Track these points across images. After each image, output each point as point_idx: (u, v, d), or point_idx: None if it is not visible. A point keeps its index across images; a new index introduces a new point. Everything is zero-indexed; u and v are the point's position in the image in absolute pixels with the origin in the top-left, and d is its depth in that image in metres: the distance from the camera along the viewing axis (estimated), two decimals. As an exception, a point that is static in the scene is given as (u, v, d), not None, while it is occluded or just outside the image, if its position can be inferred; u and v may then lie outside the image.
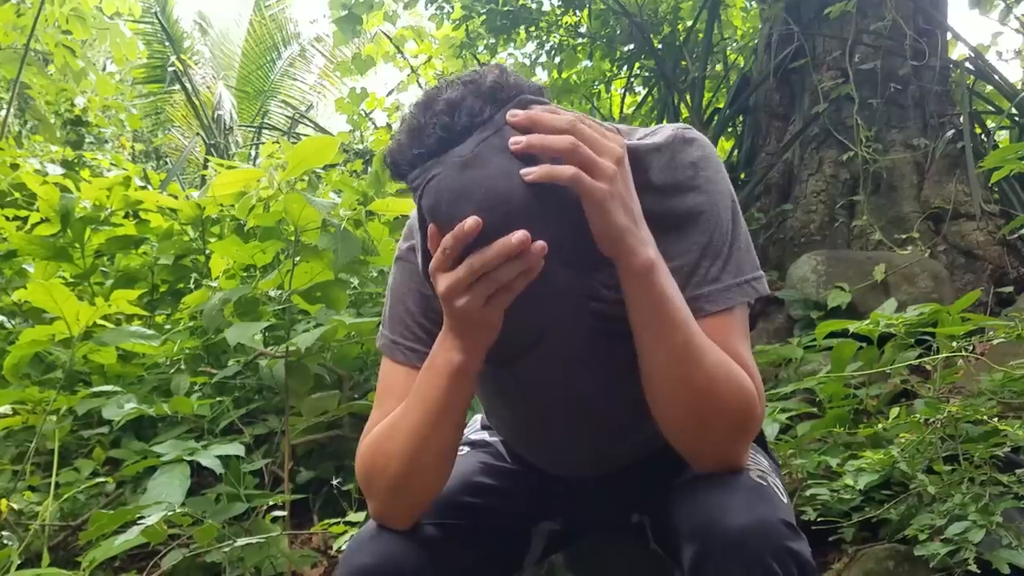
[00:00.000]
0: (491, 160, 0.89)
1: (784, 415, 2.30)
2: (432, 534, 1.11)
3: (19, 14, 6.32)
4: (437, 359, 1.02)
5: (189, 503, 1.92)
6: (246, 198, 2.40)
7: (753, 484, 1.02)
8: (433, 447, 1.04)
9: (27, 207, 3.51)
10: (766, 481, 1.04)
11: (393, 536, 1.08)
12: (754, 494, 1.00)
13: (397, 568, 1.05)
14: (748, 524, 0.95)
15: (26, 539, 1.86)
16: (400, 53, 6.93)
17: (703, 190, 1.07)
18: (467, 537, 1.15)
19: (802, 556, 0.96)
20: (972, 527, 1.70)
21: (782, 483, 1.15)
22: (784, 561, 0.94)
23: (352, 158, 5.25)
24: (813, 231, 4.22)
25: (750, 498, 0.99)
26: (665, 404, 1.02)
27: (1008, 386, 2.18)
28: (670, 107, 5.41)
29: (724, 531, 0.96)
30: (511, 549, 1.26)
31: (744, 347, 1.06)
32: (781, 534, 0.95)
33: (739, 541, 0.94)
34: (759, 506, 0.98)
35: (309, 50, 12.78)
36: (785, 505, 1.03)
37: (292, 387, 2.36)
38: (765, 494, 1.01)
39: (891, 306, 2.59)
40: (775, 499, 1.01)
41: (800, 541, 0.97)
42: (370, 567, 1.05)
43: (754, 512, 0.97)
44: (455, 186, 0.89)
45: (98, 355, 2.42)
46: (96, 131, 8.12)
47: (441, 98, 0.92)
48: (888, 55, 4.27)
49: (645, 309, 0.97)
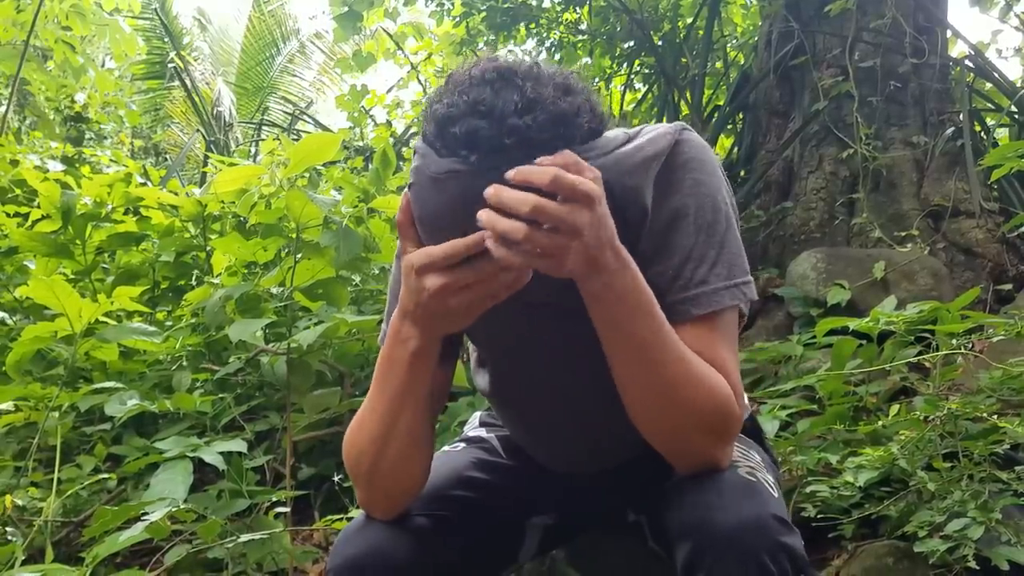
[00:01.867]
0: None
1: (784, 412, 2.31)
2: (421, 524, 1.13)
3: (19, 10, 6.31)
4: (396, 350, 1.03)
5: (191, 499, 1.93)
6: (248, 195, 2.40)
7: (743, 481, 1.03)
8: (400, 433, 1.06)
9: (27, 203, 3.52)
10: (755, 477, 1.05)
11: (381, 527, 1.10)
12: (745, 491, 1.01)
13: (385, 558, 1.07)
14: (740, 521, 0.96)
15: (30, 535, 1.87)
16: (400, 50, 6.92)
17: (690, 192, 1.06)
18: (457, 529, 1.16)
19: (795, 550, 0.97)
20: (971, 524, 1.71)
21: (775, 478, 1.15)
22: (777, 556, 0.95)
23: (352, 155, 5.25)
24: (813, 228, 4.22)
25: (741, 495, 1.00)
26: (635, 410, 1.03)
27: (1007, 383, 2.19)
28: (670, 104, 5.41)
29: (717, 529, 0.97)
30: (503, 543, 1.27)
31: (726, 351, 1.05)
32: (774, 529, 0.96)
33: (732, 538, 0.95)
34: (750, 503, 0.99)
35: (308, 46, 12.76)
36: (776, 500, 1.04)
37: (294, 384, 2.37)
38: (755, 490, 1.02)
39: (891, 303, 2.60)
40: (766, 494, 1.02)
41: (792, 535, 0.98)
42: (359, 557, 1.07)
43: (745, 509, 0.98)
44: (477, 195, 0.89)
45: (100, 351, 2.42)
46: (96, 127, 8.12)
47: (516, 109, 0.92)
48: (888, 53, 4.28)
49: (601, 323, 0.98)
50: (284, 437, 2.40)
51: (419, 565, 1.08)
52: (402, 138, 6.22)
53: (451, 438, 1.53)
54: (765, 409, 2.36)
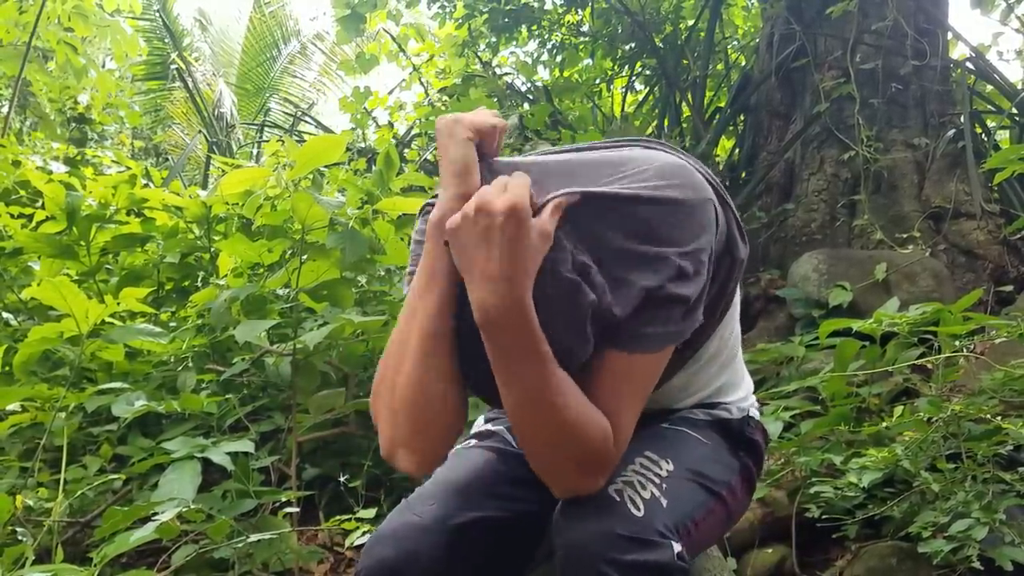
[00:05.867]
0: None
1: (787, 413, 2.32)
2: (452, 525, 1.12)
3: (21, 11, 6.32)
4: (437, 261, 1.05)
5: (198, 499, 1.93)
6: (254, 197, 2.41)
7: (605, 498, 1.05)
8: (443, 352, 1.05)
9: (31, 204, 3.52)
10: (622, 495, 1.05)
11: (413, 527, 1.10)
12: (602, 507, 1.03)
13: (418, 560, 1.07)
14: (585, 538, 1.00)
15: (38, 536, 1.87)
16: (402, 52, 6.92)
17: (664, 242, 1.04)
18: (487, 528, 1.16)
19: (654, 564, 0.98)
20: (975, 524, 1.72)
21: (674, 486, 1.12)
22: (611, 573, 0.97)
23: (355, 156, 5.25)
24: (814, 230, 4.23)
25: (597, 510, 1.03)
26: (520, 438, 1.06)
27: (1009, 385, 2.20)
28: (671, 106, 5.42)
29: (566, 541, 1.02)
30: (526, 540, 1.27)
31: (627, 392, 1.06)
32: (620, 548, 0.98)
33: (578, 553, 1.00)
34: (601, 519, 1.02)
35: (309, 47, 12.76)
36: (637, 518, 1.03)
37: (298, 384, 2.38)
38: (613, 509, 1.03)
39: (893, 305, 2.61)
40: (623, 512, 1.03)
41: (651, 550, 0.99)
42: (391, 559, 1.07)
43: (594, 525, 1.01)
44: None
45: (106, 352, 2.43)
46: (99, 128, 8.12)
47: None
48: (889, 55, 4.29)
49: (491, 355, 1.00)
50: (289, 438, 2.41)
51: (447, 566, 1.09)
52: (404, 139, 6.23)
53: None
54: (768, 410, 2.37)
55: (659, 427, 1.25)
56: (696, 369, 1.25)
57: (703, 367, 1.26)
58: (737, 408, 1.34)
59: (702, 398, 1.32)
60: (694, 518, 1.13)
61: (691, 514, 1.12)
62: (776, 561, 2.08)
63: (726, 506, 1.23)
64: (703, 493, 1.17)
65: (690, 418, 1.29)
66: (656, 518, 1.04)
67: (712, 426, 1.30)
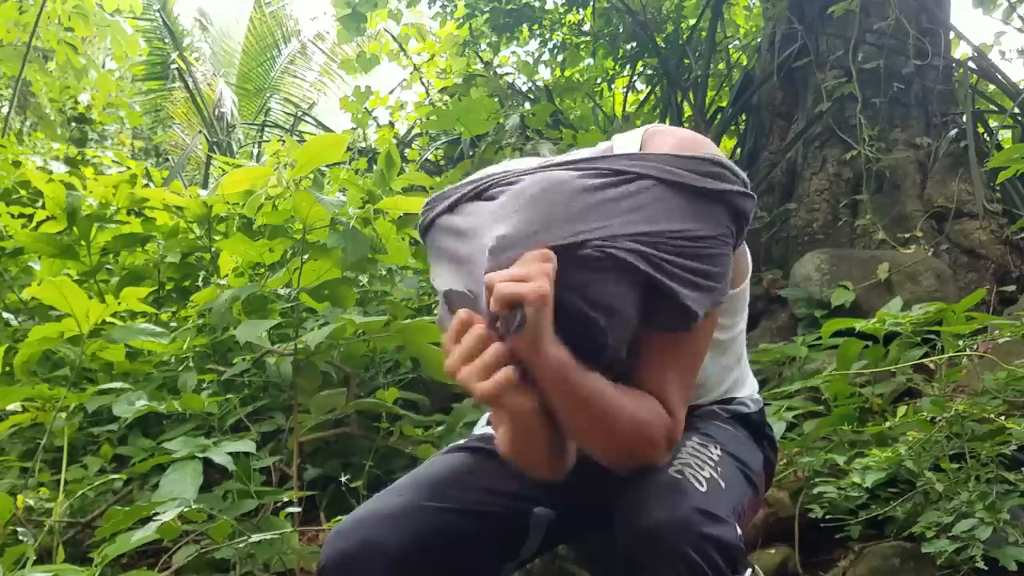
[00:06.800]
0: None
1: (790, 413, 2.31)
2: (418, 517, 1.13)
3: (21, 11, 6.32)
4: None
5: (199, 500, 1.93)
6: (255, 196, 2.40)
7: (668, 479, 1.05)
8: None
9: (31, 204, 3.51)
10: (683, 474, 1.06)
11: (376, 520, 1.10)
12: (666, 489, 1.03)
13: (378, 550, 1.07)
14: (658, 520, 0.98)
15: (39, 536, 1.87)
16: (403, 51, 6.92)
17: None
18: (455, 520, 1.16)
19: (723, 540, 0.97)
20: (979, 525, 1.71)
21: (726, 470, 1.14)
22: (703, 549, 0.96)
23: (356, 156, 5.25)
24: (816, 230, 4.23)
25: (662, 494, 1.02)
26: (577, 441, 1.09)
27: (1012, 385, 2.19)
28: (673, 105, 5.42)
29: (639, 528, 0.99)
30: (505, 536, 1.26)
31: (677, 371, 1.10)
32: (695, 522, 0.97)
33: (654, 537, 0.97)
34: (669, 500, 1.00)
35: (309, 47, 12.75)
36: (703, 493, 1.04)
37: (300, 385, 2.37)
38: (679, 487, 1.03)
39: (896, 305, 2.60)
40: (690, 490, 1.03)
41: (721, 526, 0.99)
42: (351, 549, 1.07)
43: (664, 507, 0.99)
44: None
45: (107, 352, 2.42)
46: (100, 128, 8.12)
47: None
48: (891, 54, 4.28)
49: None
50: (290, 438, 2.41)
51: (414, 556, 1.08)
52: (405, 139, 6.22)
53: (456, 438, 1.53)
54: (771, 410, 2.36)
55: (690, 419, 1.24)
56: (708, 362, 1.25)
57: (715, 359, 1.27)
58: (752, 401, 1.35)
59: (718, 396, 1.33)
60: (743, 503, 1.14)
61: (741, 500, 1.14)
62: (779, 561, 2.07)
63: (758, 497, 1.25)
64: (745, 481, 1.18)
65: (714, 411, 1.31)
66: (720, 498, 1.05)
67: (734, 420, 1.31)
